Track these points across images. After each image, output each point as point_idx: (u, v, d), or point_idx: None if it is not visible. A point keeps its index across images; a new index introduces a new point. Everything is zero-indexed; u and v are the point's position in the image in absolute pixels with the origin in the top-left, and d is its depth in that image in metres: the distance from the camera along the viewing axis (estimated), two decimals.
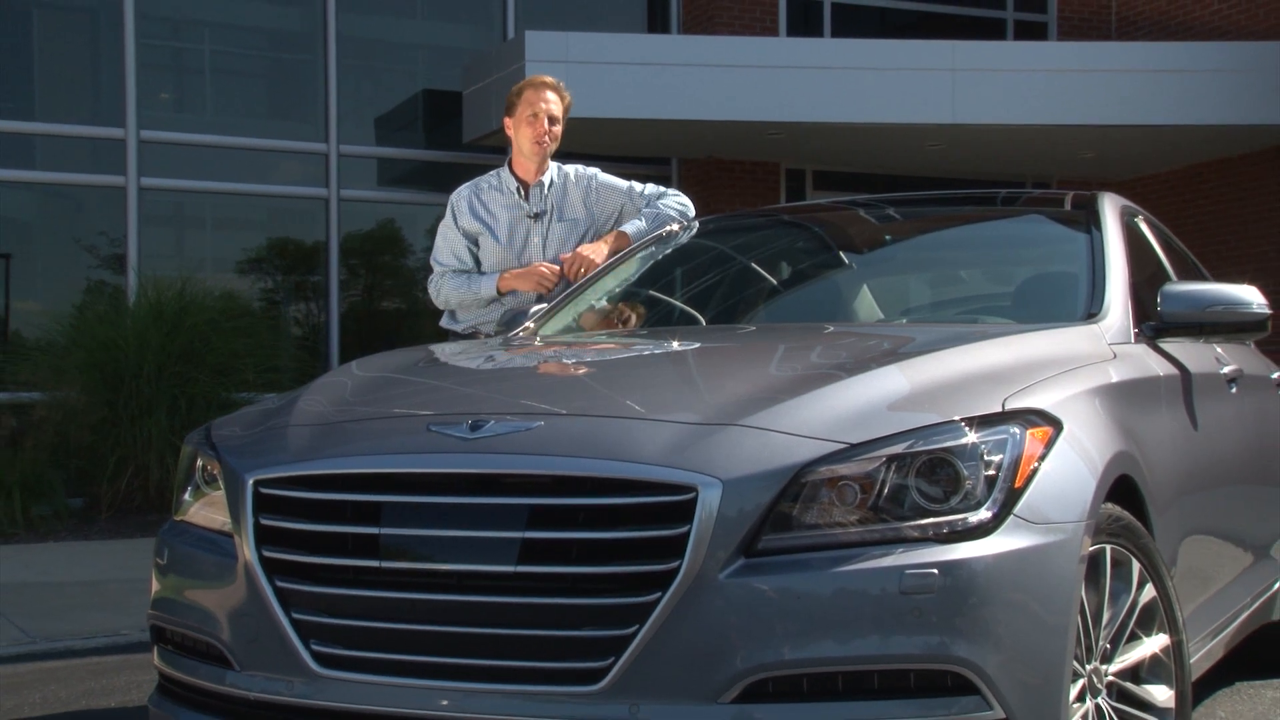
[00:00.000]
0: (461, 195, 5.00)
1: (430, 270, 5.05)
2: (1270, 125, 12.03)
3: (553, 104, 4.90)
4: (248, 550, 2.81)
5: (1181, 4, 13.72)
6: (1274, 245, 12.64)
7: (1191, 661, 3.31)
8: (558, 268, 4.79)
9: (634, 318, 4.46)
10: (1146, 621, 3.03)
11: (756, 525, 2.54)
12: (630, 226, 4.89)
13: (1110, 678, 2.93)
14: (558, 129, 4.92)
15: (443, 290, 4.94)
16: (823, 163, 13.34)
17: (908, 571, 2.51)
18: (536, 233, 4.90)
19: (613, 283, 4.65)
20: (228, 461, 3.00)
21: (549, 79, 4.98)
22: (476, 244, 4.93)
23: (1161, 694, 3.03)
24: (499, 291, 4.82)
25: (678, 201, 5.02)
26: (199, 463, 3.18)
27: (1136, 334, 3.72)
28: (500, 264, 4.90)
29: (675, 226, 4.89)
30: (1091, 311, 3.70)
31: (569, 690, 2.54)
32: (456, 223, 4.96)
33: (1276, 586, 4.67)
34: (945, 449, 2.64)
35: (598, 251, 4.78)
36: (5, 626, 6.00)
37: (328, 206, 12.04)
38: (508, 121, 4.97)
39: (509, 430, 2.75)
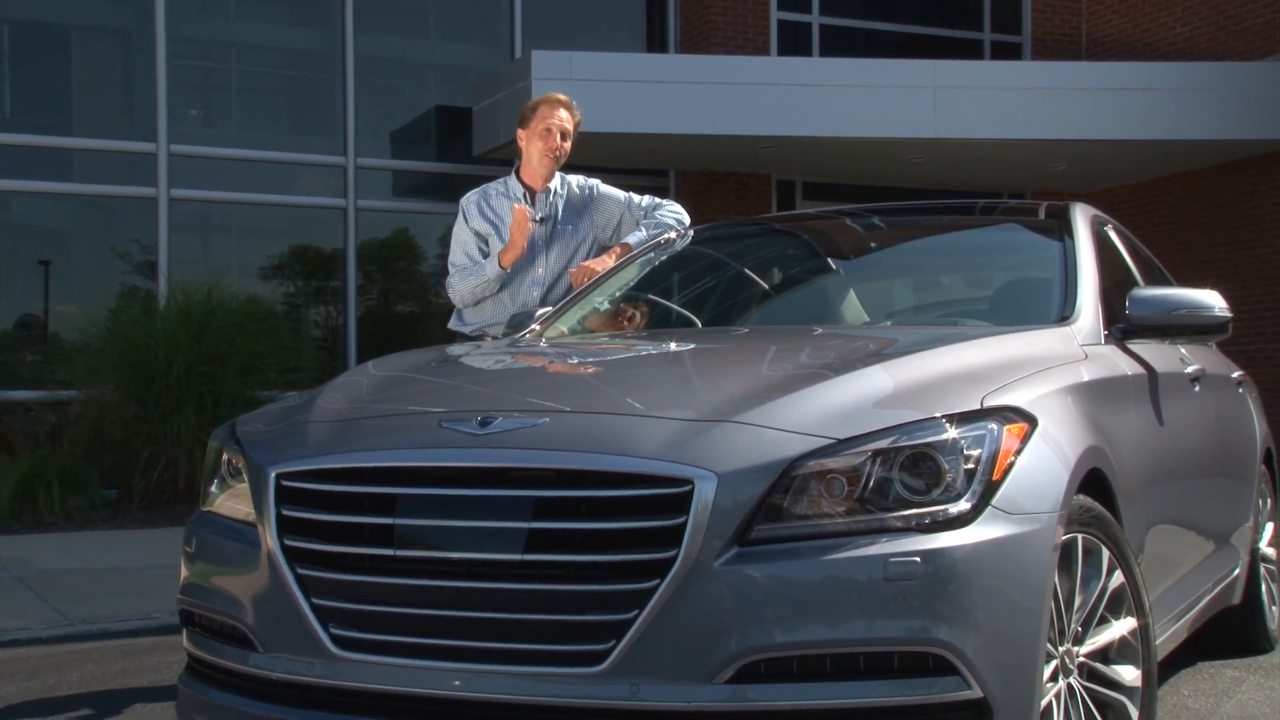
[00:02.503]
0: (471, 199, 5.02)
1: (447, 274, 5.05)
2: (1229, 140, 12.04)
3: (565, 121, 4.92)
4: (270, 539, 2.81)
5: (1147, 27, 13.71)
6: (1233, 252, 12.64)
7: (1157, 643, 3.30)
8: (524, 209, 4.76)
9: (637, 316, 4.44)
10: (1115, 606, 3.02)
11: (749, 516, 2.53)
12: (632, 237, 4.89)
13: (1081, 658, 2.93)
14: (568, 144, 4.95)
15: (456, 286, 4.95)
16: (812, 174, 13.33)
17: (892, 559, 2.50)
18: (540, 236, 4.91)
19: (614, 287, 4.64)
20: (251, 456, 2.99)
21: (562, 97, 5.00)
22: (486, 243, 4.94)
23: (1129, 674, 3.02)
24: (501, 266, 4.81)
25: (674, 211, 5.02)
26: (224, 457, 3.17)
27: (1106, 336, 3.71)
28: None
29: (673, 235, 4.89)
30: (1064, 314, 3.69)
31: (573, 671, 2.54)
32: (467, 224, 4.98)
33: (1236, 572, 4.67)
34: (927, 444, 2.63)
35: (602, 264, 4.77)
36: (45, 610, 6.00)
37: (346, 216, 12.04)
38: (520, 133, 4.98)
39: (516, 426, 2.74)
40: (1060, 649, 2.85)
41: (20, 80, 11.65)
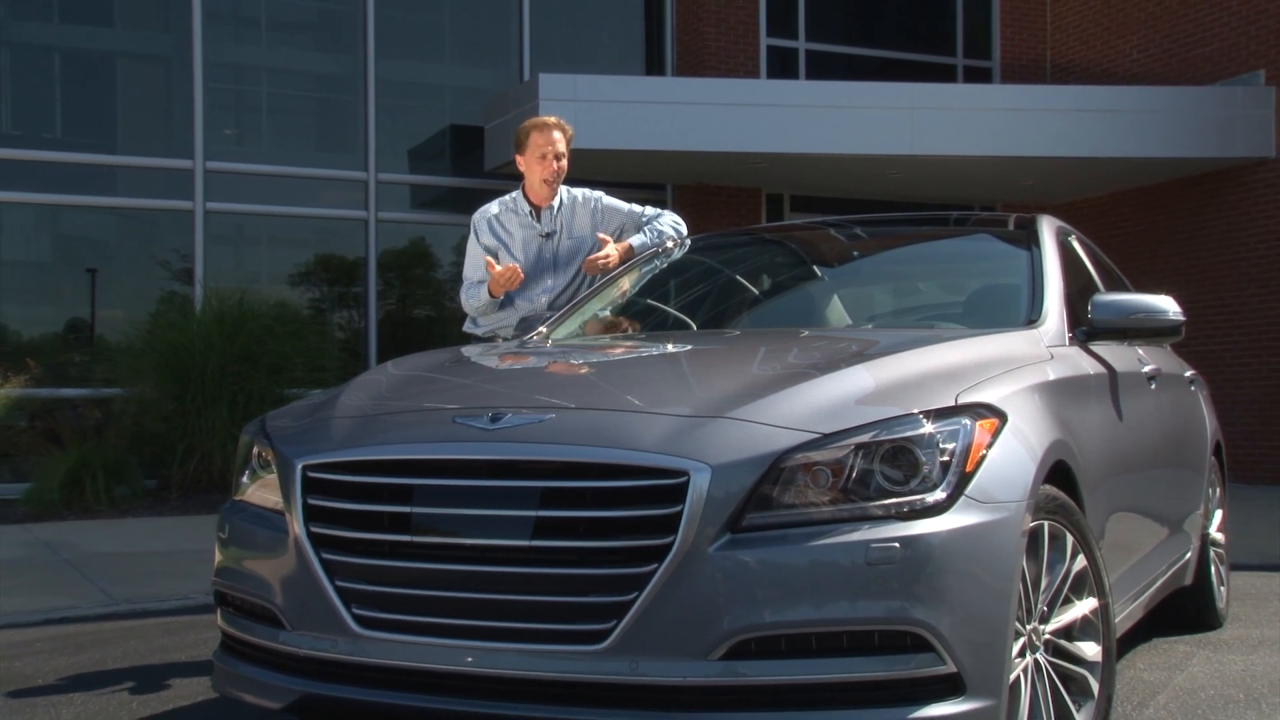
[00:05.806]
0: (482, 216, 4.98)
1: (462, 283, 5.04)
2: (1181, 158, 12.05)
3: (558, 142, 4.86)
4: (297, 526, 2.80)
5: (1107, 53, 13.71)
6: (1185, 260, 12.64)
7: (1116, 621, 3.30)
8: (513, 265, 4.72)
9: (633, 328, 4.42)
10: (1078, 587, 3.01)
11: (741, 505, 2.52)
12: (635, 239, 4.87)
13: (1047, 636, 2.92)
14: (564, 162, 4.90)
15: (464, 301, 4.95)
16: (799, 188, 13.31)
17: (873, 545, 2.49)
18: (547, 249, 4.89)
19: (616, 292, 4.62)
20: (280, 449, 2.98)
21: (551, 119, 4.94)
22: (496, 257, 4.92)
23: (1091, 650, 3.02)
24: (491, 295, 4.78)
25: (673, 221, 5.00)
26: (255, 450, 3.16)
27: (1070, 338, 3.70)
28: None
29: (670, 243, 4.87)
30: (1032, 318, 3.68)
31: (577, 649, 2.53)
32: (478, 240, 4.95)
33: (1188, 556, 4.66)
34: (906, 438, 2.62)
35: (606, 260, 4.73)
36: (91, 590, 6.00)
37: (367, 227, 12.02)
38: (519, 158, 4.93)
39: (525, 422, 2.73)
40: (1028, 627, 2.84)
41: (70, 103, 11.66)
